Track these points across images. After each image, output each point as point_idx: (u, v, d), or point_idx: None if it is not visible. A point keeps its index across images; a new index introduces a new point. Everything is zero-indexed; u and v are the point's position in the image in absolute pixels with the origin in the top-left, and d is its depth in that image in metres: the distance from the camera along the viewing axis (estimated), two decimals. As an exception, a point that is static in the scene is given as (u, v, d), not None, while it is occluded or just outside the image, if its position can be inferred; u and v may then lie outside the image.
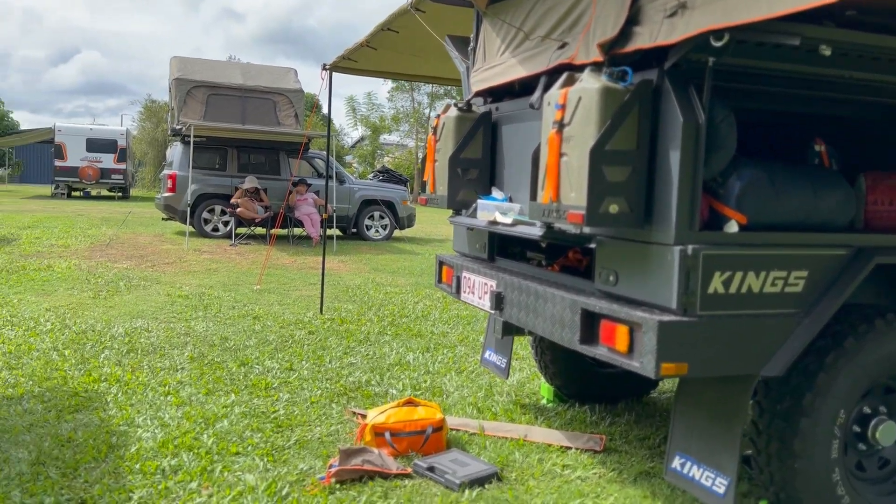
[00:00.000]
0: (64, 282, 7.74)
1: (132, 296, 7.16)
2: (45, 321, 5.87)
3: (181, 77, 13.49)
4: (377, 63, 6.50)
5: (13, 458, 3.15)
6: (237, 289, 7.90)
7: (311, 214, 13.28)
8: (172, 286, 7.83)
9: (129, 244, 11.81)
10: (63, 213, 18.52)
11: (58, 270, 8.46)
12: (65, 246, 11.02)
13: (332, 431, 3.72)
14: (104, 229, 14.08)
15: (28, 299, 6.69)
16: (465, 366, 5.11)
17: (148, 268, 9.18)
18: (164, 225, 15.08)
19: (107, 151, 28.30)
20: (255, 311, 6.67)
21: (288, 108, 14.28)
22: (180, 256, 10.50)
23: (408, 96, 39.76)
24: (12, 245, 10.77)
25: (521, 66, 3.27)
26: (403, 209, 15.08)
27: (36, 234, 12.56)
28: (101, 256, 10.00)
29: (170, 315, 6.37)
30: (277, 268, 9.82)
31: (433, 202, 3.82)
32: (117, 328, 5.76)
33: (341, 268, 10.20)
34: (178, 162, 13.47)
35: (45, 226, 14.27)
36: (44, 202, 24.25)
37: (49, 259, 9.43)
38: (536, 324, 2.97)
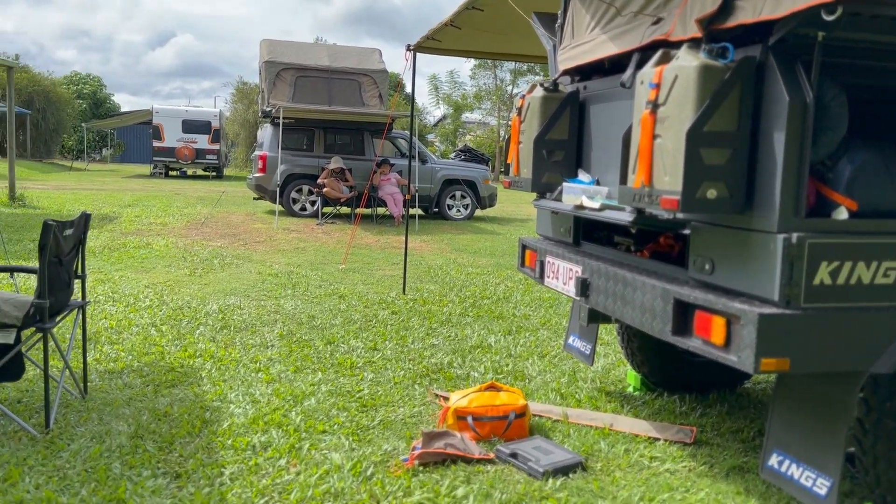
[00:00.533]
0: (161, 259, 8.12)
1: (225, 273, 7.44)
2: (144, 297, 6.18)
3: (270, 60, 13.82)
4: (461, 42, 6.44)
5: (114, 430, 3.32)
6: (323, 268, 8.08)
7: (394, 194, 13.41)
8: (263, 264, 8.08)
9: (223, 223, 12.27)
10: (161, 192, 19.43)
11: (156, 248, 8.88)
12: (162, 224, 11.56)
13: (414, 413, 3.75)
14: (199, 208, 14.68)
15: (128, 276, 7.05)
16: (548, 350, 5.05)
17: (240, 246, 9.51)
18: (255, 204, 15.58)
19: (201, 132, 29.47)
20: (340, 291, 6.79)
21: (372, 88, 14.42)
22: (270, 235, 10.82)
23: (490, 74, 39.46)
24: (114, 223, 11.38)
25: (612, 43, 3.14)
26: (485, 188, 15.02)
27: (136, 212, 13.23)
28: (197, 235, 10.43)
29: (260, 293, 6.57)
30: (361, 247, 9.98)
31: (517, 185, 3.75)
32: (211, 305, 5.99)
33: (423, 248, 10.27)
34: (267, 143, 13.85)
35: (144, 204, 15.01)
36: (143, 181, 25.52)
37: (148, 237, 9.91)
38: (625, 313, 2.87)
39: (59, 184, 22.11)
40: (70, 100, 40.39)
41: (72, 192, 17.78)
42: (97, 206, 14.10)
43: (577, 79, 3.67)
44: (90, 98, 49.40)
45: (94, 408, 3.60)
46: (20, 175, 25.73)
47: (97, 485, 2.78)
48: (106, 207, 13.83)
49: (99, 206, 13.92)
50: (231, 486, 2.85)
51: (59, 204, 14.01)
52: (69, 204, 14.13)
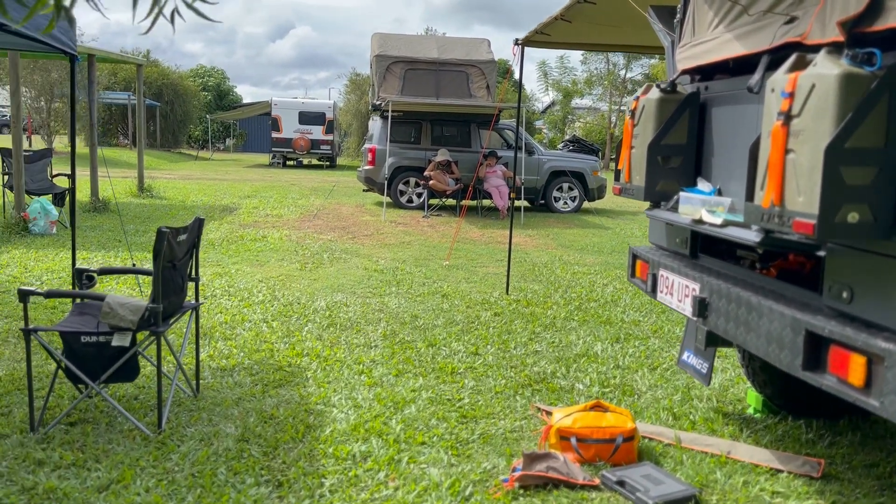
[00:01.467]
0: (275, 252, 8.39)
1: (334, 268, 7.59)
2: (258, 292, 6.38)
3: (381, 54, 13.99)
4: (571, 35, 6.21)
5: (222, 432, 3.42)
6: (427, 264, 8.09)
7: (500, 187, 13.27)
8: (369, 259, 8.19)
9: (334, 215, 12.58)
10: (278, 183, 20.22)
11: (271, 241, 9.20)
12: (278, 216, 11.98)
13: (515, 427, 3.64)
14: (313, 199, 15.14)
15: (244, 270, 7.32)
16: (659, 361, 4.79)
17: (349, 240, 9.70)
18: (364, 196, 15.90)
19: (316, 123, 30.46)
20: (443, 289, 6.76)
21: (480, 79, 14.30)
22: (377, 228, 10.98)
23: (602, 58, 38.38)
24: (234, 214, 11.91)
25: (738, 43, 2.87)
26: (593, 180, 14.59)
27: (254, 203, 13.80)
28: (309, 227, 10.74)
29: (366, 290, 6.65)
30: (466, 242, 9.93)
31: (628, 193, 3.54)
32: (319, 301, 6.11)
33: (528, 243, 10.09)
34: (377, 136, 14.07)
35: (262, 195, 15.64)
36: (262, 171, 26.66)
37: (264, 229, 10.29)
38: (748, 340, 2.63)
39: (186, 173, 23.46)
40: (196, 92, 42.74)
41: (196, 183, 18.81)
42: (218, 197, 14.83)
43: (698, 79, 3.41)
44: (214, 90, 52.07)
45: (204, 407, 3.73)
46: (151, 165, 27.58)
47: (203, 491, 2.85)
48: (226, 198, 14.52)
49: (220, 198, 14.63)
50: (331, 499, 2.86)
51: (184, 195, 14.83)
52: (193, 195, 14.93)
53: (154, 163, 28.15)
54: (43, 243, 8.13)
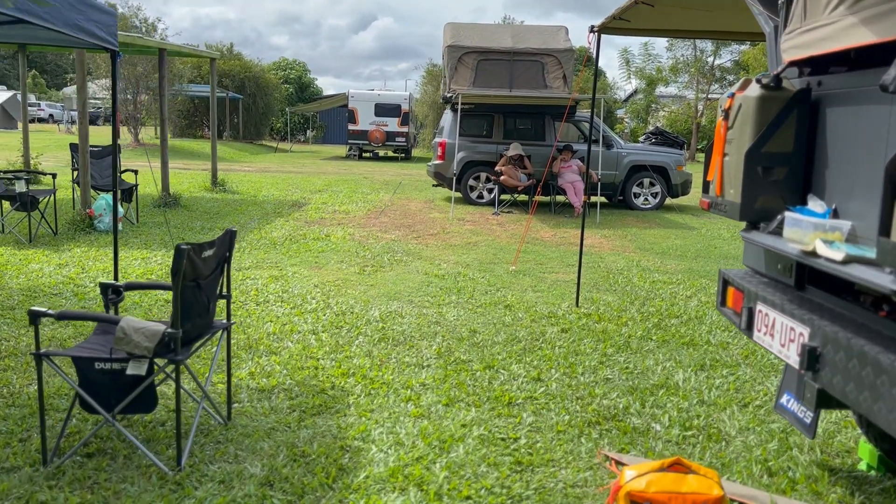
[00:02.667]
0: (336, 254, 8.09)
1: (393, 273, 7.21)
2: (311, 299, 6.07)
3: (453, 44, 13.53)
4: (653, 21, 5.58)
5: (246, 472, 3.06)
6: (492, 269, 7.60)
7: (575, 182, 12.62)
8: (431, 263, 7.78)
9: (401, 211, 12.25)
10: (351, 176, 20.13)
11: (333, 240, 8.92)
12: (345, 213, 11.75)
13: (578, 480, 3.13)
14: (382, 195, 14.89)
15: (301, 273, 7.04)
16: (752, 396, 4.17)
17: (413, 239, 9.32)
18: (433, 191, 15.53)
19: (392, 115, 30.37)
20: (507, 299, 6.27)
21: (556, 69, 13.65)
22: (444, 227, 10.57)
23: (689, 44, 36.65)
24: (302, 210, 11.75)
25: (866, 29, 2.26)
26: (678, 175, 13.71)
27: (324, 198, 13.64)
28: (374, 225, 10.43)
29: (424, 298, 6.23)
30: (536, 243, 9.38)
31: (719, 209, 2.96)
32: (374, 311, 5.74)
33: (603, 245, 9.45)
34: (447, 129, 13.65)
35: (333, 189, 15.50)
36: (338, 163, 26.74)
37: (329, 227, 10.04)
38: (874, 410, 2.04)
39: (264, 166, 23.75)
40: (277, 84, 43.49)
41: (272, 176, 18.92)
42: (289, 191, 14.77)
43: (809, 72, 2.80)
44: (296, 82, 52.94)
45: (233, 438, 3.39)
46: (232, 157, 28.14)
47: (209, 554, 2.49)
48: (297, 193, 14.43)
49: (291, 192, 14.56)
50: (353, 570, 2.44)
51: (256, 189, 14.85)
52: (265, 189, 14.93)
53: (235, 155, 28.72)
54: (106, 241, 8.10)
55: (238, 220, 10.18)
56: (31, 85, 59.56)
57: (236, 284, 6.49)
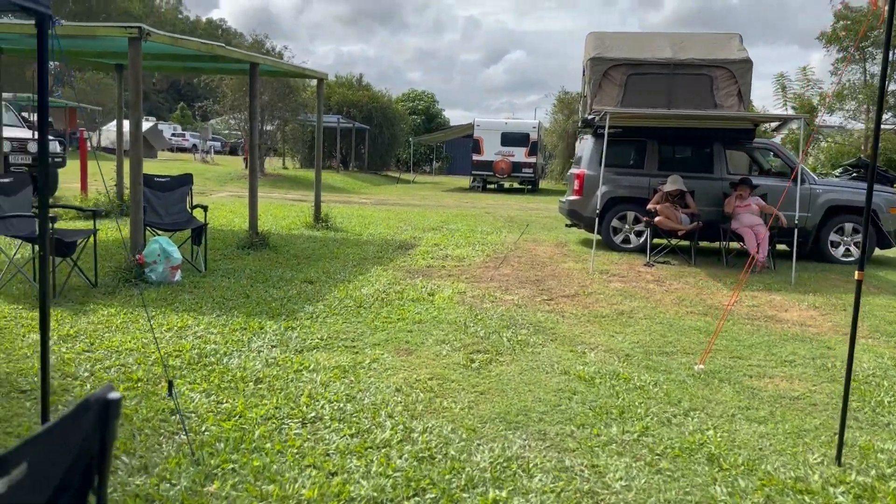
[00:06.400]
0: (437, 327, 5.88)
1: (515, 367, 4.88)
2: (386, 419, 3.85)
3: (597, 56, 11.15)
4: None
5: None
6: (666, 364, 5.09)
7: (756, 227, 9.80)
8: (572, 349, 5.37)
9: (527, 258, 9.93)
10: (472, 210, 18.08)
11: (437, 303, 6.73)
12: (459, 259, 9.58)
13: None
14: (504, 234, 12.64)
15: (382, 362, 4.86)
16: None
17: (542, 303, 6.96)
18: (566, 232, 13.11)
19: (519, 145, 28.31)
20: (706, 439, 3.76)
21: (728, 83, 10.90)
22: (584, 283, 8.13)
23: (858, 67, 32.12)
24: (408, 254, 9.71)
25: None
26: (891, 219, 10.51)
27: (436, 238, 11.58)
28: (493, 279, 8.16)
29: (565, 428, 3.85)
30: (715, 314, 6.74)
31: None
32: (481, 455, 3.44)
33: (820, 323, 6.64)
34: (586, 159, 11.23)
35: (448, 227, 13.45)
36: (460, 196, 24.88)
37: (435, 280, 7.89)
38: None
39: (382, 198, 22.26)
40: (404, 115, 42.77)
41: (386, 210, 17.21)
42: (399, 229, 12.85)
43: None
44: (424, 113, 52.35)
45: None
46: (352, 188, 27.03)
47: None
48: (407, 231, 12.47)
49: (400, 230, 12.63)
50: None
51: (363, 225, 13.04)
52: (373, 226, 13.09)
53: (356, 186, 27.65)
54: (151, 297, 6.34)
55: (327, 268, 8.24)
56: (178, 116, 62.99)
57: (286, 378, 4.41)
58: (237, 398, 4.08)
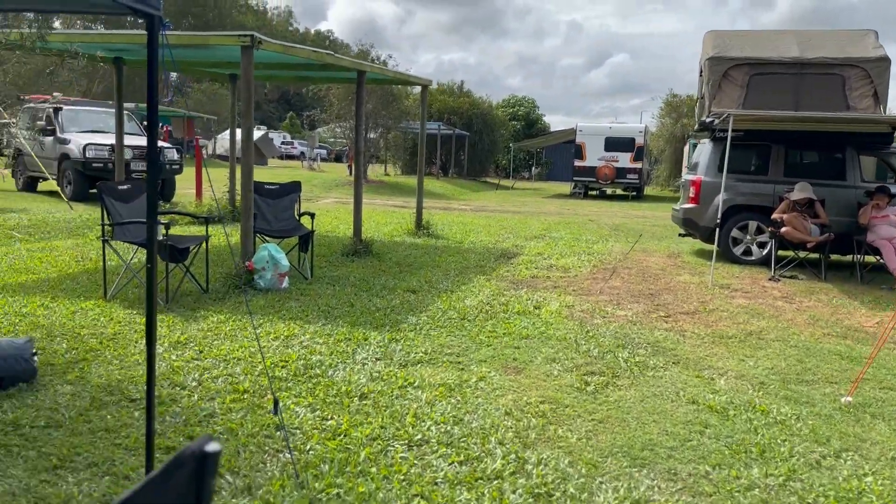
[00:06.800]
0: (546, 343, 5.56)
1: (635, 393, 4.49)
2: (496, 445, 3.58)
3: (717, 55, 10.50)
4: None
5: None
6: (808, 395, 4.56)
7: (895, 239, 8.89)
8: (698, 374, 4.92)
9: (638, 269, 9.42)
10: (574, 217, 17.57)
11: (544, 317, 6.41)
12: (564, 269, 9.20)
13: None
14: (611, 244, 12.12)
15: (490, 381, 4.59)
16: None
17: (659, 320, 6.50)
18: (679, 241, 12.42)
19: (624, 150, 27.44)
20: (864, 487, 3.27)
21: (863, 84, 9.99)
22: (703, 298, 7.58)
23: None
24: (511, 264, 9.42)
25: None
26: None
27: (539, 247, 11.23)
28: (602, 292, 7.74)
29: (698, 468, 3.45)
30: (856, 337, 6.05)
31: None
32: (604, 493, 3.11)
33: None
34: (704, 164, 10.58)
35: (551, 235, 13.05)
36: (560, 202, 24.35)
37: (540, 292, 7.56)
38: None
39: (482, 204, 22.08)
40: (505, 121, 42.50)
41: (486, 216, 16.98)
42: (501, 236, 12.57)
43: None
44: (524, 119, 51.92)
45: None
46: (452, 194, 27.01)
47: None
48: (509, 239, 12.18)
49: (502, 238, 12.35)
50: None
51: (464, 233, 12.85)
52: (474, 233, 12.88)
53: (456, 192, 27.61)
54: (259, 304, 6.36)
55: (429, 277, 8.08)
56: (287, 125, 65.35)
57: (391, 395, 4.23)
58: (342, 415, 3.93)
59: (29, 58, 7.09)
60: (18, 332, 5.14)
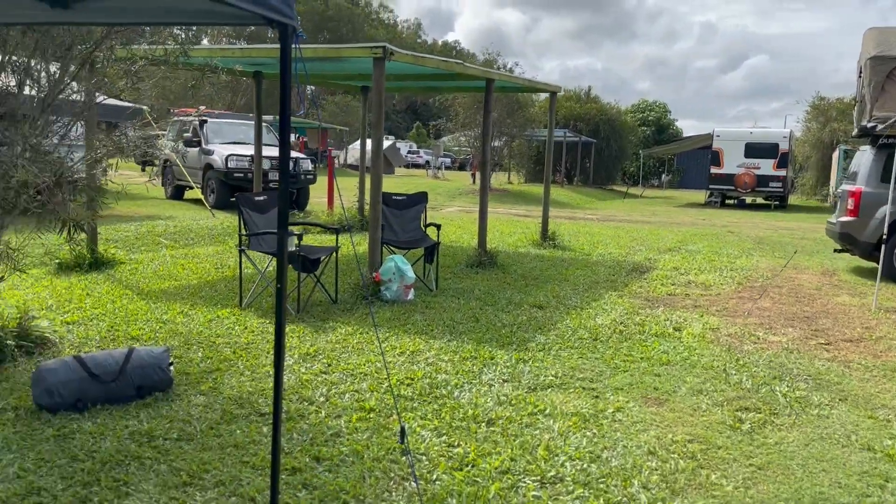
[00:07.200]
0: (689, 371, 5.09)
1: (798, 435, 3.97)
2: (641, 490, 3.23)
3: (880, 54, 9.49)
4: None
5: None
6: None
7: None
8: (871, 415, 4.30)
9: (788, 288, 8.62)
10: (712, 229, 16.55)
11: (686, 340, 5.91)
12: (704, 286, 8.57)
13: None
14: (756, 259, 11.23)
15: (629, 412, 4.22)
16: None
17: (818, 348, 5.83)
18: (833, 258, 11.32)
19: (766, 157, 25.70)
20: None
21: None
22: (867, 324, 6.77)
23: None
24: (644, 279, 8.89)
25: None
26: None
27: (675, 261, 10.57)
28: (751, 314, 7.09)
29: (880, 526, 2.95)
30: None
31: None
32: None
33: None
34: (865, 173, 9.56)
35: (687, 248, 12.30)
36: (695, 212, 23.13)
37: (680, 312, 7.03)
38: None
39: (609, 213, 21.36)
40: (633, 127, 41.16)
41: (614, 227, 16.35)
42: (631, 248, 11.99)
43: None
44: (654, 124, 50.12)
45: None
46: (577, 203, 26.37)
47: None
48: (641, 252, 11.58)
49: (633, 250, 11.77)
50: None
51: (592, 244, 12.36)
52: (603, 245, 12.37)
53: (581, 201, 26.95)
54: (385, 316, 6.30)
55: (557, 292, 7.75)
56: (413, 135, 66.74)
57: (520, 422, 3.97)
58: (469, 442, 3.71)
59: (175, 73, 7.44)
60: (158, 339, 5.33)
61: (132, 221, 11.59)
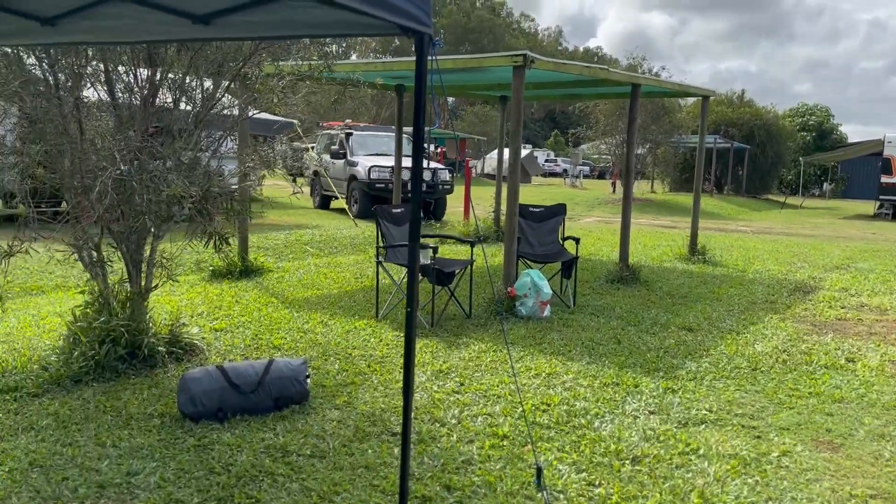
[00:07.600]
0: (868, 411, 4.45)
1: None
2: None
3: None
4: None
5: None
6: None
7: None
8: None
9: None
10: (885, 244, 14.91)
11: (862, 373, 5.21)
12: (880, 310, 7.62)
13: None
14: (941, 280, 9.91)
15: (797, 455, 3.70)
16: None
17: None
18: None
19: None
20: None
21: None
22: None
23: None
24: (809, 300, 8.06)
25: None
26: None
27: (843, 280, 9.54)
28: (938, 344, 6.19)
29: None
30: None
31: None
32: None
33: None
34: None
35: (857, 266, 11.10)
36: (863, 224, 21.03)
37: (853, 339, 6.26)
38: None
39: (765, 225, 19.88)
40: (792, 132, 38.29)
41: (772, 240, 15.13)
42: (792, 265, 10.98)
43: None
44: (815, 129, 46.47)
45: None
46: (728, 213, 24.79)
47: None
48: (803, 269, 10.57)
49: (794, 267, 10.77)
50: None
51: (747, 259, 11.45)
52: (759, 260, 11.43)
53: (733, 212, 25.36)
54: (519, 334, 6.06)
55: (709, 313, 7.17)
56: (551, 143, 66.07)
57: (670, 462, 3.59)
58: (612, 482, 3.39)
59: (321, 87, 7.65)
60: (298, 349, 5.42)
61: (282, 230, 12.12)
